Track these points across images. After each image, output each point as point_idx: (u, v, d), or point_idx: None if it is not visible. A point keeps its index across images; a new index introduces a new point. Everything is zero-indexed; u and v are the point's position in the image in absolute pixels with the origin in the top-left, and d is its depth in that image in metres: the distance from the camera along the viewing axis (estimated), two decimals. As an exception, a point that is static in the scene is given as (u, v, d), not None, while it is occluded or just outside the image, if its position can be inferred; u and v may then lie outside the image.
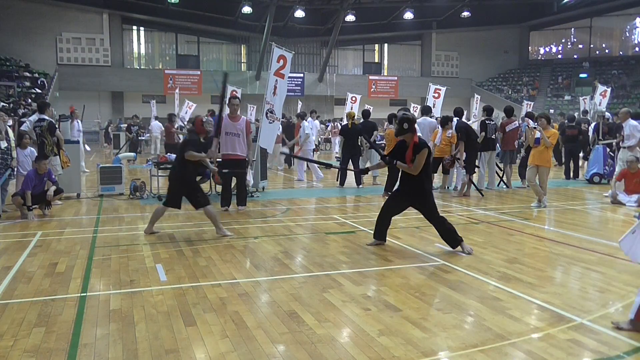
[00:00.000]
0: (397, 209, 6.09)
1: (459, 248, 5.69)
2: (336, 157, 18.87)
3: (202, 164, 6.68)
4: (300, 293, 4.35)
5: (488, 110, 11.17)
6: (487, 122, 10.78)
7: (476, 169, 10.54)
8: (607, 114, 13.70)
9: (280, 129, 13.70)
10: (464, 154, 10.06)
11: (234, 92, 18.20)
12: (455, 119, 10.33)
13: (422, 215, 5.97)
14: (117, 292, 4.40)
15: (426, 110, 11.70)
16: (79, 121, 16.05)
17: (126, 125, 23.43)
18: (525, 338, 3.44)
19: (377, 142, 11.71)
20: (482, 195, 10.11)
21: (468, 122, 11.66)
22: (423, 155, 5.65)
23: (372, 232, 6.23)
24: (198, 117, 6.77)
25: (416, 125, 5.99)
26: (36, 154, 8.45)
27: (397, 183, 6.15)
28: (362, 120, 11.87)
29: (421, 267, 5.18)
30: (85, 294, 4.33)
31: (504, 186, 11.42)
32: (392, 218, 6.11)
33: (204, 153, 6.49)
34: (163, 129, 21.73)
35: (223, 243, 6.19)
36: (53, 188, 8.02)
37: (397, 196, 6.03)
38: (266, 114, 9.95)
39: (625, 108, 10.96)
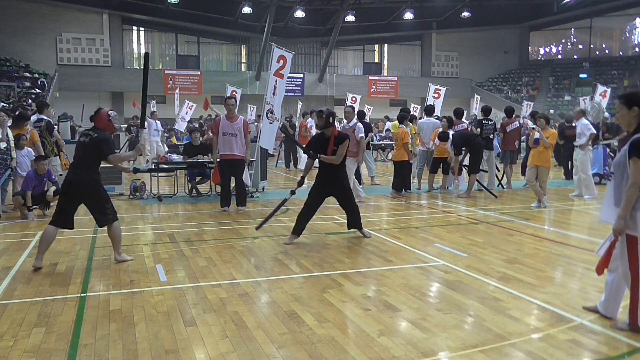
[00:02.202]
0: (319, 202, 6.47)
1: (363, 231, 6.41)
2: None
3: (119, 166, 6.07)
4: (300, 293, 4.34)
5: (486, 111, 11.28)
6: (484, 122, 10.81)
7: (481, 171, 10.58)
8: (606, 114, 13.72)
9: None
10: (467, 157, 10.11)
11: (234, 93, 18.19)
12: (450, 134, 10.31)
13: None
14: (117, 292, 4.41)
15: (429, 111, 11.75)
16: (157, 121, 16.00)
17: (126, 125, 23.43)
18: (525, 338, 3.44)
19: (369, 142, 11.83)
20: (495, 196, 10.04)
21: (465, 123, 11.66)
22: (345, 145, 6.21)
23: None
24: (101, 109, 5.38)
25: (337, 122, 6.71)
26: (34, 154, 8.44)
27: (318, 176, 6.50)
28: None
29: (421, 267, 5.18)
30: (85, 294, 4.34)
31: (504, 187, 11.43)
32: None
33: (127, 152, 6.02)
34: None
35: (223, 243, 6.19)
36: (53, 188, 8.01)
37: (318, 190, 6.40)
38: (267, 114, 9.97)
39: (579, 107, 11.13)
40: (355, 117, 9.80)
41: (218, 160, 8.40)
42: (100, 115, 5.29)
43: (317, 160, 6.38)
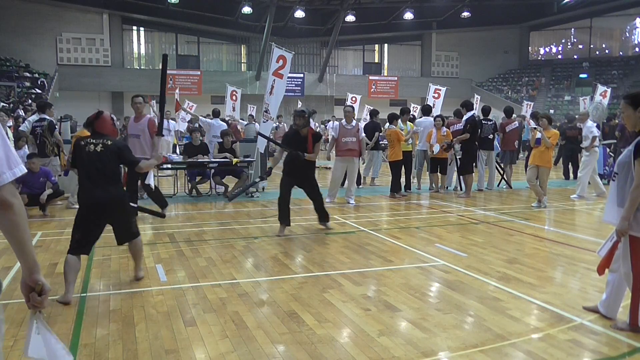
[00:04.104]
0: (291, 190, 6.82)
1: (327, 224, 6.96)
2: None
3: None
4: (300, 293, 4.34)
5: (484, 111, 11.29)
6: (483, 122, 10.83)
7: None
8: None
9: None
10: (466, 151, 10.08)
11: (234, 92, 18.19)
12: (472, 112, 10.38)
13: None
14: (117, 292, 4.41)
15: (427, 110, 11.76)
16: (170, 120, 15.70)
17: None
18: (525, 338, 3.44)
19: (379, 142, 11.76)
20: (442, 191, 10.60)
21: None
22: (320, 143, 6.93)
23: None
24: (103, 113, 4.69)
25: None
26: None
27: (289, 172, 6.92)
28: (368, 119, 12.04)
29: (421, 267, 5.18)
30: (85, 294, 4.34)
31: (504, 186, 11.45)
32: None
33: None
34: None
35: (223, 243, 6.19)
36: (48, 192, 7.95)
37: (289, 180, 6.78)
38: (263, 114, 10.02)
39: (585, 110, 11.17)
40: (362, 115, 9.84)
41: None
42: (104, 119, 4.58)
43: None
